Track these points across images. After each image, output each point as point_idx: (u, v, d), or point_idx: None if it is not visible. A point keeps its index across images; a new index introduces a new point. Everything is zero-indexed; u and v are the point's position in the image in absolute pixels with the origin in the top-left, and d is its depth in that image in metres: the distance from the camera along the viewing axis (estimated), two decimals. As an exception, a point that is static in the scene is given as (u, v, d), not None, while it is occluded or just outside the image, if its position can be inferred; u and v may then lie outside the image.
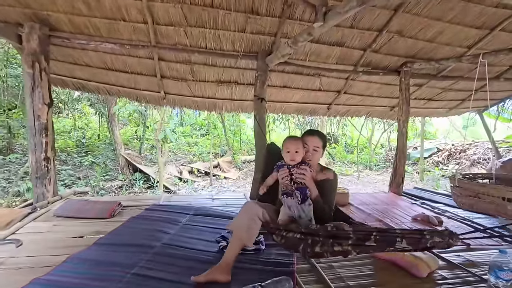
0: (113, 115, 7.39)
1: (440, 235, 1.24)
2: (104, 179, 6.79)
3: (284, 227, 1.63)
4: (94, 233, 2.32)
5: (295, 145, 1.75)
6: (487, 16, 3.22)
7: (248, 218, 1.70)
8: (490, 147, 9.41)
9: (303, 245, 1.54)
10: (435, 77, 4.22)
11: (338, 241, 1.46)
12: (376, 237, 1.38)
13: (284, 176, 1.75)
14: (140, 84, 3.60)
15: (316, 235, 1.51)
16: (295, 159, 1.74)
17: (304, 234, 1.54)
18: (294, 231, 1.58)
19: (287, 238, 1.60)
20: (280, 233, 1.63)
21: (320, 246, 1.49)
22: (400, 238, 1.33)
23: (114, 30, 2.94)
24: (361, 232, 1.44)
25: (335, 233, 1.48)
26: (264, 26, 3.03)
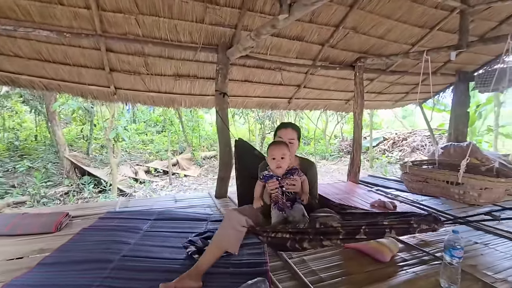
0: (53, 113, 6.54)
1: (426, 222, 1.32)
2: (46, 185, 6.01)
3: (272, 229, 1.60)
4: (36, 252, 2.00)
5: (280, 151, 1.69)
6: (428, 16, 3.52)
7: (232, 228, 1.63)
8: (427, 134, 10.60)
9: (290, 242, 1.53)
10: (384, 71, 4.52)
11: (328, 236, 1.47)
12: (366, 230, 1.42)
13: (274, 188, 1.69)
14: (85, 78, 3.19)
15: (305, 233, 1.51)
16: (282, 166, 1.68)
17: (293, 233, 1.53)
18: (282, 232, 1.56)
19: (274, 238, 1.58)
20: (267, 234, 1.60)
21: (308, 242, 1.50)
22: (389, 229, 1.38)
23: (50, 15, 2.53)
24: (350, 227, 1.46)
25: (324, 230, 1.48)
26: (224, 18, 2.89)
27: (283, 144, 1.74)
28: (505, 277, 1.74)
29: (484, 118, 8.87)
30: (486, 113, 8.76)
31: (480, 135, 9.10)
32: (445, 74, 4.91)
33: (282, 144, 1.73)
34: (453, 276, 1.59)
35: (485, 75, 4.09)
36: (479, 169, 2.70)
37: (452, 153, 4.24)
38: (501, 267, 1.85)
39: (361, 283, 1.67)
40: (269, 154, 1.72)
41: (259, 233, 1.64)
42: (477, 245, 2.18)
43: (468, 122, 5.07)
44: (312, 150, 11.35)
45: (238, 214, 1.67)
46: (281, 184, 1.69)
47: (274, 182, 1.69)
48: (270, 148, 1.73)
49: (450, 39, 4.01)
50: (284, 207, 1.68)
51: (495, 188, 2.23)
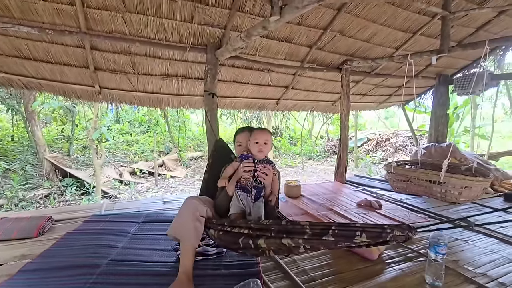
0: (32, 113, 6.26)
1: (400, 229, 1.25)
2: (25, 188, 5.75)
3: (230, 223, 1.53)
4: (18, 258, 1.92)
5: (264, 136, 1.72)
6: (411, 21, 3.65)
7: (192, 218, 1.57)
8: (409, 135, 10.96)
9: (243, 238, 1.44)
10: (369, 74, 4.64)
11: (291, 235, 1.37)
12: (335, 231, 1.33)
13: (248, 169, 1.69)
14: (68, 77, 3.08)
15: (268, 230, 1.43)
16: (263, 151, 1.72)
17: (253, 229, 1.45)
18: (241, 227, 1.48)
19: (227, 234, 1.50)
20: (221, 228, 1.52)
21: (265, 239, 1.39)
22: (360, 232, 1.29)
23: (30, 10, 2.43)
24: (318, 227, 1.39)
25: (290, 228, 1.41)
26: (213, 18, 2.87)
27: (266, 130, 1.79)
28: (484, 271, 1.83)
29: (461, 120, 9.28)
30: (463, 115, 9.18)
31: (457, 136, 9.51)
32: (426, 77, 5.10)
33: (266, 130, 1.78)
34: (438, 272, 1.66)
35: (463, 79, 4.28)
36: (459, 169, 2.81)
37: (433, 153, 4.42)
38: (481, 262, 1.95)
39: (350, 281, 1.71)
40: (252, 138, 1.74)
41: (213, 226, 1.57)
42: (457, 242, 2.29)
43: (448, 123, 5.28)
44: (298, 151, 11.48)
45: (199, 202, 1.63)
46: (255, 168, 1.70)
47: (250, 163, 1.71)
48: (254, 132, 1.76)
49: (431, 44, 4.18)
50: (249, 191, 1.67)
51: (474, 187, 2.33)
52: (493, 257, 2.02)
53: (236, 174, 1.73)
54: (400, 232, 1.25)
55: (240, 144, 1.96)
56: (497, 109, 11.14)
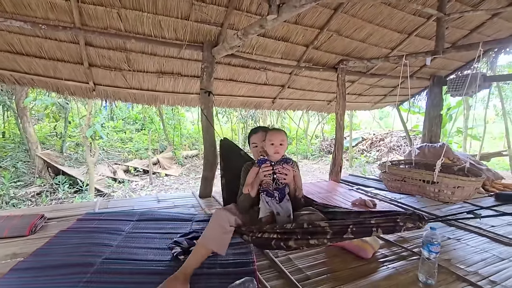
0: (24, 109, 6.15)
1: (412, 220, 1.34)
2: (16, 185, 5.65)
3: (258, 229, 1.59)
4: (9, 256, 1.88)
5: (279, 137, 1.71)
6: (407, 22, 3.68)
7: (221, 228, 1.61)
8: (403, 135, 11.08)
9: (275, 241, 1.52)
10: (365, 74, 4.67)
11: (315, 236, 1.47)
12: (353, 229, 1.42)
13: (267, 173, 1.70)
14: (62, 73, 3.03)
15: (294, 233, 1.51)
16: (280, 152, 1.71)
17: (280, 233, 1.53)
18: (268, 232, 1.55)
19: (259, 238, 1.57)
20: (252, 234, 1.59)
21: (295, 241, 1.49)
22: (376, 228, 1.39)
23: (24, 5, 2.38)
24: (337, 226, 1.47)
25: (312, 230, 1.49)
26: (210, 15, 2.86)
27: (282, 131, 1.77)
28: (476, 270, 1.86)
29: (454, 121, 9.41)
30: (456, 116, 9.31)
31: (450, 136, 9.65)
32: (421, 78, 5.16)
33: (281, 131, 1.77)
34: (431, 270, 1.68)
35: (456, 80, 4.33)
36: (451, 169, 2.85)
37: (427, 153, 4.47)
38: (472, 261, 1.98)
39: (345, 279, 1.72)
40: (267, 139, 1.74)
41: (244, 232, 1.64)
42: (450, 241, 2.32)
43: (441, 124, 5.35)
44: (294, 150, 11.51)
45: (228, 213, 1.66)
46: (274, 170, 1.70)
47: (267, 166, 1.71)
48: (269, 134, 1.75)
49: (426, 45, 4.22)
50: (272, 193, 1.69)
51: (466, 187, 2.37)
52: (485, 256, 2.05)
53: (257, 178, 1.74)
54: (412, 224, 1.35)
55: (256, 145, 1.94)
56: (489, 111, 11.32)
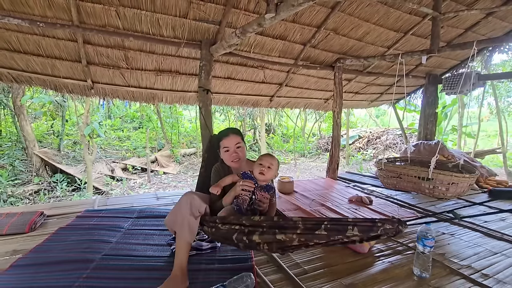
0: (21, 107, 6.12)
1: (391, 223, 1.27)
2: (13, 183, 5.64)
3: (222, 220, 1.53)
4: (9, 253, 1.90)
5: (270, 160, 1.68)
6: (403, 21, 3.72)
7: (188, 213, 1.57)
8: (399, 133, 11.17)
9: (237, 235, 1.43)
10: (361, 72, 4.71)
11: (283, 230, 1.38)
12: (327, 226, 1.34)
13: (246, 191, 1.64)
14: (60, 71, 3.02)
15: (260, 226, 1.43)
16: (265, 174, 1.66)
17: (245, 225, 1.44)
18: (232, 223, 1.47)
19: (220, 230, 1.50)
20: (214, 224, 1.53)
21: (259, 235, 1.39)
22: (352, 226, 1.31)
23: (21, 2, 2.37)
24: (310, 222, 1.39)
25: (282, 223, 1.40)
26: (208, 13, 2.87)
27: (274, 158, 1.73)
28: (469, 263, 1.91)
29: (449, 119, 9.50)
30: (451, 114, 9.39)
31: (445, 134, 9.74)
32: (416, 76, 5.20)
33: (274, 157, 1.73)
34: (425, 264, 1.73)
35: (451, 79, 4.38)
36: (446, 166, 2.90)
37: (422, 151, 4.53)
38: (466, 255, 2.03)
39: (342, 273, 1.76)
40: (257, 160, 1.72)
41: (206, 223, 1.58)
42: (444, 235, 2.37)
43: (437, 122, 5.41)
44: (291, 148, 11.55)
45: (197, 198, 1.62)
46: (254, 192, 1.65)
47: (251, 184, 1.64)
48: (261, 157, 1.73)
49: (422, 44, 4.26)
50: (245, 211, 1.65)
51: (460, 183, 2.41)
52: (478, 250, 2.10)
53: (234, 189, 1.67)
54: (390, 226, 1.27)
55: (227, 149, 1.82)
56: (483, 109, 11.44)
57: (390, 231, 1.30)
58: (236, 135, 1.83)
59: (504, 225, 2.58)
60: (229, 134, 1.84)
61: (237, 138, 1.82)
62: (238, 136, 1.84)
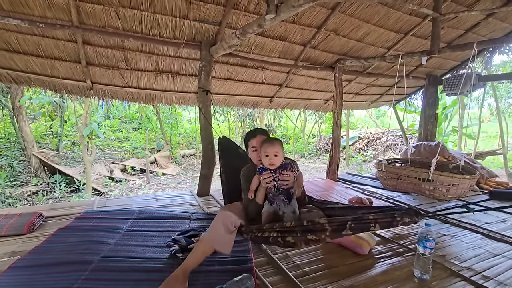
0: (20, 108, 6.10)
1: (408, 215, 1.41)
2: (12, 184, 5.62)
3: (258, 228, 1.61)
4: (8, 255, 1.89)
5: (273, 149, 1.70)
6: (403, 22, 3.72)
7: (225, 229, 1.61)
8: (399, 134, 11.16)
9: (272, 238, 1.55)
10: (361, 73, 4.71)
11: (314, 233, 1.50)
12: (351, 226, 1.46)
13: (268, 181, 1.70)
14: (59, 71, 3.02)
15: (293, 232, 1.53)
16: (275, 164, 1.70)
17: (279, 232, 1.54)
18: (268, 231, 1.57)
19: (258, 237, 1.60)
20: (252, 234, 1.61)
21: (293, 237, 1.51)
22: (374, 223, 1.44)
23: (21, 3, 2.37)
24: (336, 223, 1.49)
25: (311, 227, 1.51)
26: (208, 14, 2.86)
27: (276, 141, 1.76)
28: (470, 265, 1.90)
29: (450, 120, 9.50)
30: (452, 115, 9.39)
31: (446, 135, 9.74)
32: (417, 77, 5.20)
33: (275, 141, 1.75)
34: (426, 266, 1.71)
35: (452, 80, 4.38)
36: (446, 167, 2.90)
37: (422, 152, 4.52)
38: (466, 257, 2.02)
39: (342, 275, 1.75)
40: (262, 150, 1.74)
41: (244, 232, 1.66)
42: (445, 237, 2.36)
43: (437, 123, 5.41)
44: (291, 149, 11.54)
45: (232, 214, 1.67)
46: (274, 178, 1.71)
47: (268, 174, 1.71)
48: (263, 146, 1.74)
49: (422, 44, 4.27)
50: (275, 200, 1.71)
51: (461, 184, 2.41)
52: (478, 252, 2.09)
53: (261, 186, 1.74)
54: (409, 218, 1.42)
55: (255, 149, 1.88)
56: (484, 110, 11.45)
57: (408, 223, 1.47)
58: (263, 135, 1.89)
59: (505, 227, 2.57)
60: (257, 135, 1.88)
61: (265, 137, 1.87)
62: (266, 136, 1.89)
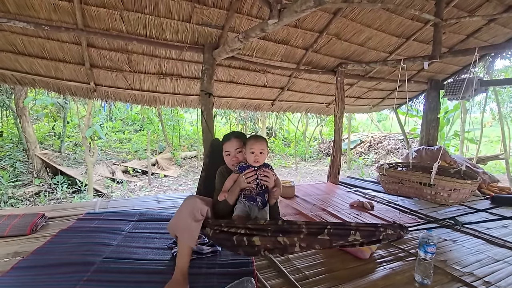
0: (23, 109, 6.15)
1: (392, 228, 1.29)
2: (14, 185, 5.64)
3: (227, 223, 1.52)
4: (11, 255, 1.90)
5: (259, 146, 1.67)
6: (405, 26, 3.73)
7: (190, 215, 1.56)
8: (400, 138, 11.15)
9: (237, 236, 1.43)
10: (363, 77, 4.72)
11: (287, 234, 1.40)
12: (330, 230, 1.36)
13: (251, 179, 1.65)
14: (63, 73, 3.04)
15: (265, 230, 1.43)
16: (259, 161, 1.67)
17: (250, 229, 1.44)
18: (238, 227, 1.47)
19: (222, 233, 1.49)
20: (217, 228, 1.51)
21: (260, 237, 1.40)
22: (354, 231, 1.33)
23: (27, 6, 2.40)
24: (314, 226, 1.42)
25: (287, 227, 1.43)
26: (211, 18, 2.89)
27: (262, 139, 1.72)
28: (471, 270, 1.90)
29: (452, 124, 9.49)
30: (453, 119, 9.38)
31: (448, 140, 9.72)
32: (418, 81, 5.21)
33: (262, 139, 1.72)
34: (427, 270, 1.72)
35: (453, 84, 4.39)
36: (448, 171, 2.89)
37: (424, 156, 4.52)
38: (468, 262, 2.02)
39: (343, 279, 1.75)
40: (247, 147, 1.69)
41: (209, 225, 1.56)
42: (446, 242, 2.36)
43: (439, 127, 5.40)
44: (292, 152, 11.54)
45: (201, 201, 1.61)
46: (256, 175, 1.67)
47: (251, 171, 1.66)
48: (249, 142, 1.69)
49: (424, 49, 4.28)
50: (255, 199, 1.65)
51: (462, 189, 2.41)
52: (480, 257, 2.09)
53: (237, 184, 1.66)
54: (392, 231, 1.29)
55: (229, 153, 1.81)
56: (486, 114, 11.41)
57: (391, 236, 1.33)
58: (238, 140, 1.80)
59: (507, 232, 2.56)
60: (231, 139, 1.81)
61: (239, 142, 1.79)
62: (240, 140, 1.81)
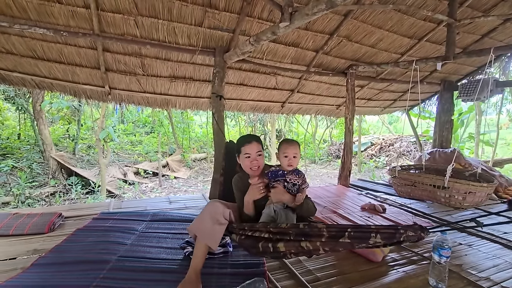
0: (40, 112, 6.36)
1: (413, 229, 1.28)
2: (31, 185, 5.84)
3: (250, 227, 1.54)
4: (31, 252, 1.97)
5: (293, 150, 1.69)
6: (417, 27, 3.69)
7: (212, 219, 1.59)
8: (413, 140, 10.94)
9: (263, 243, 1.45)
10: (374, 79, 4.68)
11: (309, 238, 1.41)
12: (351, 234, 1.36)
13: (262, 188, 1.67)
14: (80, 77, 3.15)
15: (286, 234, 1.44)
16: (293, 165, 1.69)
17: (272, 233, 1.46)
18: (261, 231, 1.49)
19: (248, 238, 1.51)
20: (242, 232, 1.54)
21: (285, 242, 1.42)
22: (375, 234, 1.33)
23: (47, 13, 2.51)
24: (334, 229, 1.42)
25: (308, 231, 1.43)
26: (223, 22, 2.94)
27: (295, 143, 1.74)
28: (488, 275, 1.85)
29: (466, 126, 9.25)
30: (468, 121, 9.15)
31: (462, 142, 9.48)
32: (431, 83, 5.12)
33: (295, 143, 1.74)
34: (441, 274, 1.68)
35: (468, 85, 4.29)
36: (463, 174, 2.83)
37: (437, 159, 4.43)
38: (484, 267, 1.97)
39: (355, 281, 1.74)
40: (281, 151, 1.71)
41: (234, 230, 1.59)
42: (461, 246, 2.30)
43: (452, 129, 5.29)
44: (302, 154, 11.49)
45: (223, 205, 1.63)
46: (286, 179, 1.68)
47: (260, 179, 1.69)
48: (283, 146, 1.71)
49: (437, 50, 4.21)
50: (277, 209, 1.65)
51: (478, 192, 2.34)
52: (497, 262, 2.03)
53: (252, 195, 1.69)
54: (413, 233, 1.29)
55: (248, 156, 1.77)
56: (502, 116, 11.08)
57: (412, 238, 1.32)
58: (258, 143, 1.80)
59: (525, 237, 2.48)
60: (252, 141, 1.80)
61: (259, 146, 1.79)
62: (260, 144, 1.81)
